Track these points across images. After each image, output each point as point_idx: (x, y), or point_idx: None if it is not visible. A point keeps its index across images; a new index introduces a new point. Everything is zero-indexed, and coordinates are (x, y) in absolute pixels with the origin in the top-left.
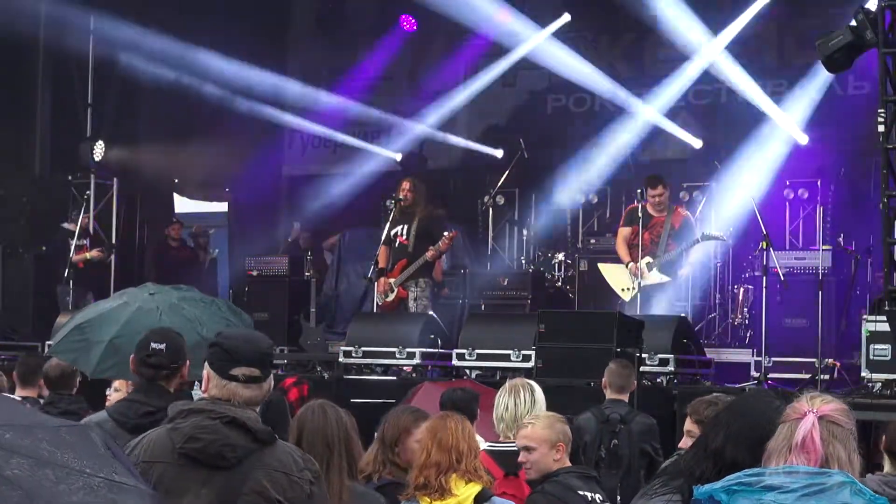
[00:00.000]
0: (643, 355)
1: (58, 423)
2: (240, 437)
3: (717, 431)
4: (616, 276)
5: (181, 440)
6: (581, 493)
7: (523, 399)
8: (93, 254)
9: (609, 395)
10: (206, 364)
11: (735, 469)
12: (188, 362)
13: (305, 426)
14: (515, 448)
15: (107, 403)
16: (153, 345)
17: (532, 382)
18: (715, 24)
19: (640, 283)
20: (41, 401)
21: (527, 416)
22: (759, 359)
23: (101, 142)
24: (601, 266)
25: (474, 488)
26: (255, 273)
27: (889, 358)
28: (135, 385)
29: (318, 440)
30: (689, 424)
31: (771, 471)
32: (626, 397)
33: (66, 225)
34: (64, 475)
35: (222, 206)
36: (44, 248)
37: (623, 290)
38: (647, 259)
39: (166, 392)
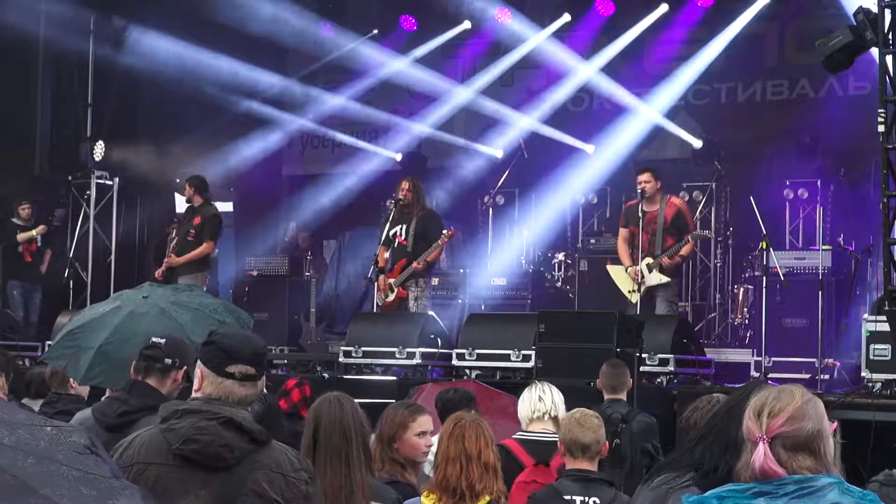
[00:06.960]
0: (643, 355)
1: None
2: (237, 438)
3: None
4: (623, 278)
5: (178, 441)
6: (568, 497)
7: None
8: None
9: (607, 395)
10: (198, 362)
11: None
12: (185, 368)
13: (322, 418)
14: (547, 438)
15: None
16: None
17: None
18: (715, 23)
19: (642, 286)
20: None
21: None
22: (759, 359)
23: (101, 142)
24: (609, 267)
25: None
26: (255, 273)
27: (889, 358)
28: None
29: (335, 433)
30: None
31: None
32: (623, 396)
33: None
34: None
35: (224, 206)
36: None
37: (629, 291)
38: (648, 260)
39: (152, 391)
